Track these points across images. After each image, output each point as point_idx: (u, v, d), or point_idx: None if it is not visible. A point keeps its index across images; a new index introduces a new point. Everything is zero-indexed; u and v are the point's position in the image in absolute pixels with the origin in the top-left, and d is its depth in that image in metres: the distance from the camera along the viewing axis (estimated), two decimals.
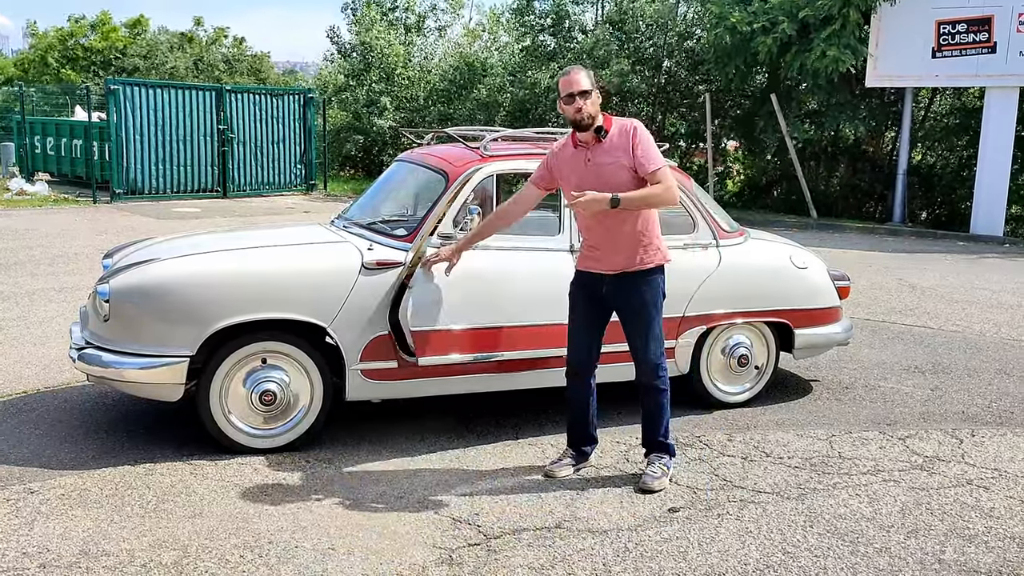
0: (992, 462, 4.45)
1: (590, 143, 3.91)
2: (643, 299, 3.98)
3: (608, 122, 3.91)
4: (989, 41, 14.02)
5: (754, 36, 14.90)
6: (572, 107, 3.84)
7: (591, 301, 4.07)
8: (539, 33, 20.76)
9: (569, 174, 3.99)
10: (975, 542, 3.57)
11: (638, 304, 3.98)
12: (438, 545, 3.43)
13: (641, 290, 3.97)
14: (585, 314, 4.11)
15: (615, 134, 3.89)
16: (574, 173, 3.96)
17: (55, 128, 18.59)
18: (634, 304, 3.99)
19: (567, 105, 3.86)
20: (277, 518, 3.62)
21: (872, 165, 17.18)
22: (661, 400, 4.09)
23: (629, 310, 4.02)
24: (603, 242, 3.96)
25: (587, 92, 3.84)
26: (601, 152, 3.89)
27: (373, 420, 4.80)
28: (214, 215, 14.10)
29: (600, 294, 4.03)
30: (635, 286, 3.96)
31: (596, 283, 4.03)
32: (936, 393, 5.65)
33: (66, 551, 3.30)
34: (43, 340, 6.24)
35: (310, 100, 18.16)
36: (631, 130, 3.88)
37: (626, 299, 4.00)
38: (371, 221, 4.91)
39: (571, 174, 3.98)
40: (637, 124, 3.92)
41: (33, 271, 8.83)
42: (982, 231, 14.33)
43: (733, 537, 3.56)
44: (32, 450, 4.28)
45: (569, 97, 3.84)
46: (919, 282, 9.81)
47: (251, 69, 32.15)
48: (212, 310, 4.13)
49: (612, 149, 3.87)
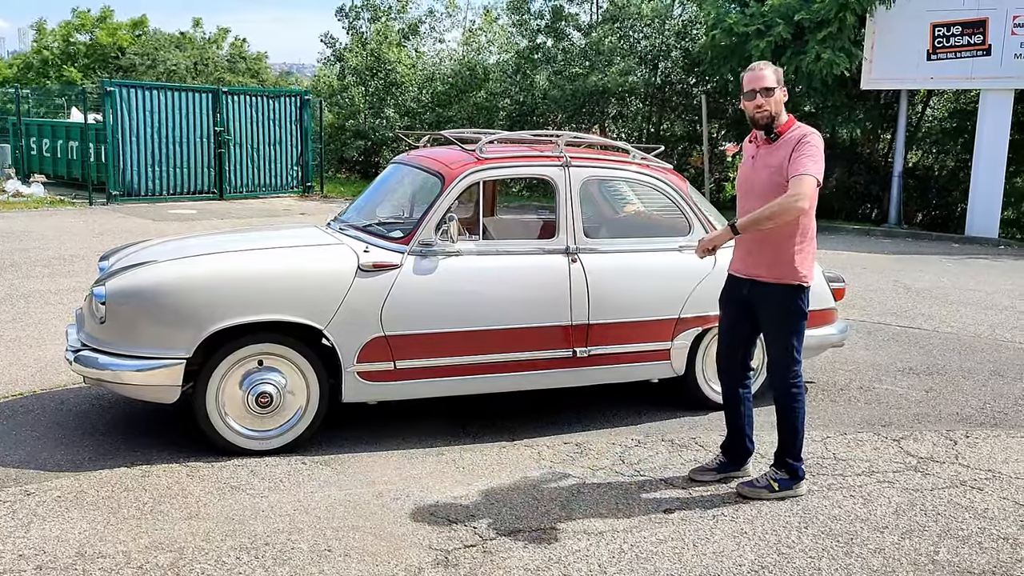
0: (986, 463, 4.47)
1: (761, 142, 3.85)
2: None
3: (787, 125, 3.80)
4: (984, 44, 14.07)
5: (750, 38, 14.93)
6: (752, 103, 3.77)
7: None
8: (536, 33, 20.78)
9: (742, 166, 3.98)
10: (969, 543, 3.58)
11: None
12: (434, 546, 3.44)
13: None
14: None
15: (789, 139, 3.76)
16: (743, 169, 3.95)
17: (51, 130, 18.56)
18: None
19: (748, 101, 3.79)
20: (273, 520, 3.62)
21: (868, 167, 17.23)
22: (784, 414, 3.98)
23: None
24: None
25: (771, 90, 3.75)
26: (768, 154, 3.81)
27: (369, 422, 4.80)
28: (210, 217, 14.09)
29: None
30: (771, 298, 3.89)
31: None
32: (930, 394, 5.67)
33: (62, 553, 3.30)
34: (39, 342, 6.24)
35: (306, 102, 18.16)
36: (805, 139, 3.73)
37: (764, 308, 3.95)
38: (367, 223, 4.92)
39: (742, 168, 3.97)
40: (813, 133, 3.78)
41: (29, 273, 8.82)
42: (977, 233, 14.37)
43: (728, 538, 3.57)
44: (28, 452, 4.28)
45: (751, 93, 3.77)
46: (914, 284, 9.84)
47: (250, 70, 32.11)
48: (208, 312, 4.14)
49: (780, 154, 3.75)
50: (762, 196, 3.76)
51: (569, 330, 4.67)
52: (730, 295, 4.04)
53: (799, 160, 3.68)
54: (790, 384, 3.93)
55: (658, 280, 4.93)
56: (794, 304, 3.84)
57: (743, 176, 3.93)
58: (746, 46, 15.03)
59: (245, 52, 33.01)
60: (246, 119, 17.15)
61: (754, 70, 3.82)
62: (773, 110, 3.77)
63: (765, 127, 3.79)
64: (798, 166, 3.67)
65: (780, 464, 4.00)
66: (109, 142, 15.51)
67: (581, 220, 4.79)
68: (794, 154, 3.70)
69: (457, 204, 4.65)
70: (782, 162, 3.73)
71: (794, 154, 3.70)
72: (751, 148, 3.94)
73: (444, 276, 4.50)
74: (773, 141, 3.80)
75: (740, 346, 4.05)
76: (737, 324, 4.03)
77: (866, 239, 14.37)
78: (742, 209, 3.90)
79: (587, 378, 4.82)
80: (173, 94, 16.36)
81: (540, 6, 20.77)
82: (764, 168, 3.80)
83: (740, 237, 3.88)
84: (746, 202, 3.88)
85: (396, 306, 4.39)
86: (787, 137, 3.78)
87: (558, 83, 19.16)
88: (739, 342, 4.05)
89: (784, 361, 3.90)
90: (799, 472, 3.99)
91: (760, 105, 3.76)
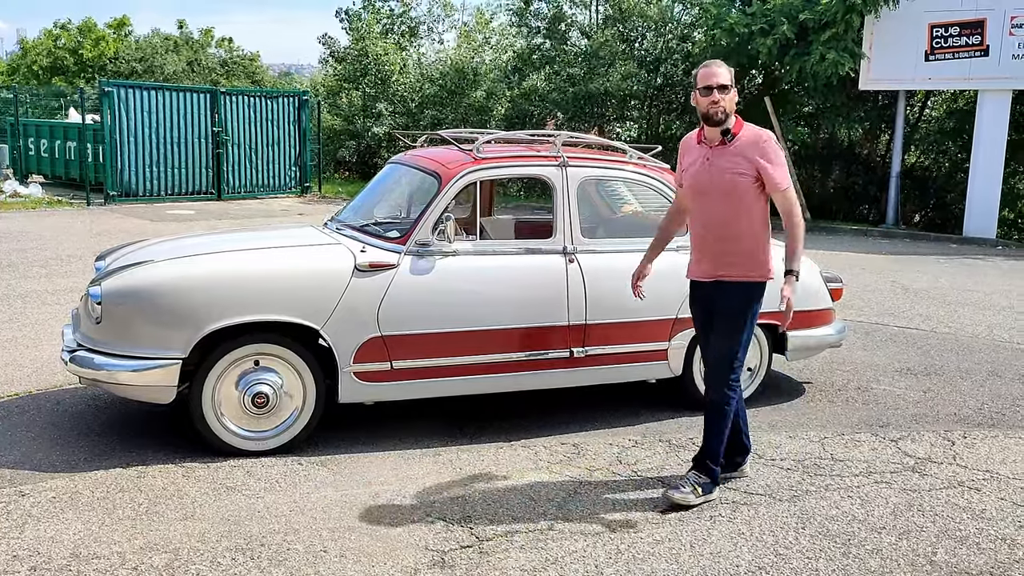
0: (984, 464, 4.46)
1: (715, 142, 3.83)
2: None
3: (739, 126, 3.81)
4: (982, 44, 14.08)
5: (752, 38, 14.92)
6: (708, 99, 3.75)
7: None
8: (536, 35, 20.77)
9: (688, 168, 3.93)
10: (966, 543, 3.58)
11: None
12: (430, 547, 3.43)
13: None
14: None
15: (744, 140, 3.77)
16: (692, 170, 3.90)
17: (49, 130, 18.54)
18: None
19: (703, 97, 3.77)
20: (269, 520, 3.61)
21: (866, 168, 17.24)
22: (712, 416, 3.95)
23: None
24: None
25: (726, 87, 3.75)
26: (723, 155, 3.79)
27: (365, 422, 4.79)
28: (208, 217, 14.07)
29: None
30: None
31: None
32: (928, 395, 5.66)
33: (57, 554, 3.29)
34: (35, 342, 6.22)
35: (304, 103, 18.15)
36: (763, 142, 3.76)
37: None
38: (364, 223, 4.91)
39: (689, 169, 3.92)
40: (771, 136, 3.82)
41: (26, 273, 8.80)
42: (975, 233, 14.38)
43: (725, 539, 3.56)
44: (23, 452, 4.27)
45: (707, 89, 3.76)
46: (912, 284, 9.84)
47: (245, 71, 32.09)
48: (205, 312, 4.13)
49: (735, 155, 3.75)
50: (726, 195, 3.77)
51: (566, 330, 4.66)
52: (699, 303, 4.05)
53: (781, 172, 3.75)
54: (728, 387, 3.89)
55: (655, 280, 4.89)
56: (752, 302, 3.87)
57: (698, 178, 3.87)
58: (748, 45, 15.02)
59: (236, 53, 32.93)
60: (244, 120, 17.13)
61: (710, 67, 3.83)
62: (727, 107, 3.77)
63: (719, 124, 3.79)
64: (777, 180, 3.74)
65: (704, 469, 3.92)
66: (107, 142, 15.48)
67: (578, 220, 4.78)
68: (763, 161, 3.73)
69: (454, 204, 4.64)
70: (745, 163, 3.74)
71: (763, 161, 3.73)
72: (701, 149, 3.88)
73: (441, 276, 4.48)
74: (729, 142, 3.80)
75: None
76: (710, 327, 4.01)
77: (864, 239, 14.37)
78: (702, 210, 3.88)
79: (584, 378, 4.81)
80: (171, 95, 16.34)
81: (539, 6, 20.74)
82: (724, 170, 3.79)
83: (705, 243, 3.89)
84: (707, 203, 3.86)
85: (393, 306, 4.38)
86: (744, 137, 3.79)
87: (558, 84, 19.15)
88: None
89: (728, 361, 3.87)
90: (717, 478, 3.96)
91: (716, 101, 3.75)
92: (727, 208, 3.78)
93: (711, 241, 3.87)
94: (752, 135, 3.80)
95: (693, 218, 3.98)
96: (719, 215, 3.81)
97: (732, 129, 3.79)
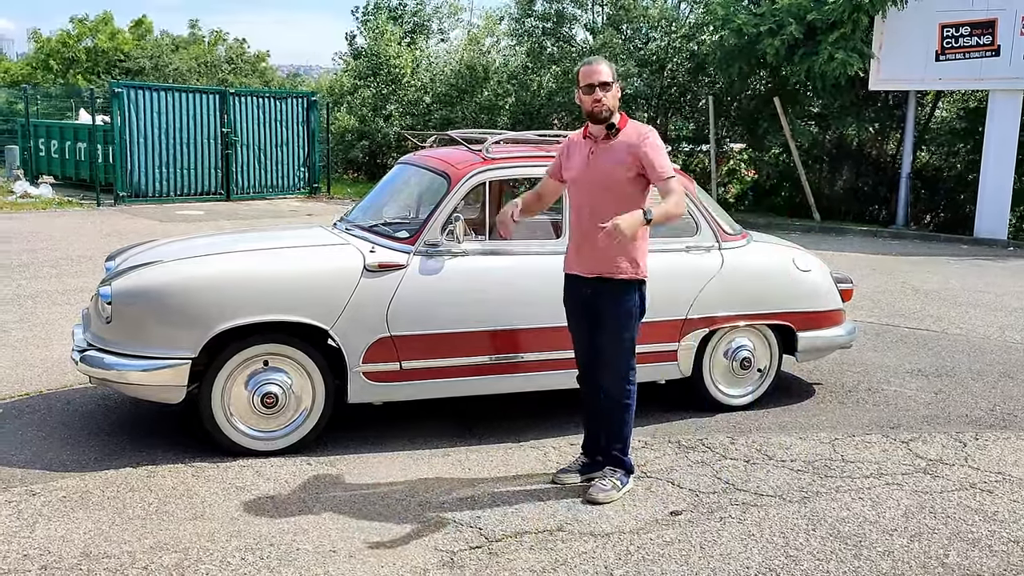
0: (996, 466, 4.43)
1: (599, 137, 3.86)
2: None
3: (623, 122, 3.85)
4: (993, 44, 13.99)
5: (760, 38, 14.88)
6: (591, 97, 3.78)
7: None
8: (540, 36, 20.76)
9: (572, 162, 3.96)
10: (979, 546, 3.55)
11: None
12: (440, 548, 3.42)
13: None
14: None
15: (627, 135, 3.81)
16: (575, 164, 3.94)
17: (59, 131, 18.64)
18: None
19: (586, 95, 3.80)
20: (278, 520, 3.61)
21: (876, 168, 17.15)
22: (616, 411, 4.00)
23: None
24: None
25: (608, 84, 3.78)
26: (607, 149, 3.83)
27: (375, 422, 4.79)
28: (217, 218, 14.12)
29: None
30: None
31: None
32: (939, 396, 5.63)
33: (67, 553, 3.30)
34: (46, 342, 6.25)
35: (313, 103, 18.18)
36: (644, 136, 3.79)
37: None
38: (373, 223, 4.91)
39: (572, 164, 3.95)
40: (652, 131, 3.85)
41: (36, 273, 8.84)
42: (986, 234, 14.29)
43: (735, 540, 3.55)
44: (34, 452, 4.28)
45: (589, 87, 3.78)
46: (922, 285, 9.79)
47: (254, 70, 32.17)
48: (214, 312, 4.14)
49: (618, 149, 3.80)
50: (610, 189, 3.79)
51: None
52: (573, 297, 4.03)
53: (662, 163, 3.76)
54: (626, 384, 3.93)
55: (665, 281, 4.90)
56: (635, 300, 3.89)
57: (582, 172, 3.89)
58: (757, 46, 14.99)
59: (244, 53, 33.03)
60: (253, 120, 17.18)
61: (591, 64, 3.84)
62: (611, 104, 3.79)
63: (603, 120, 3.81)
64: (664, 170, 3.75)
65: (617, 463, 3.99)
66: (117, 143, 15.55)
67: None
68: (648, 156, 3.74)
69: (463, 204, 4.63)
70: (628, 157, 3.77)
71: (648, 156, 3.74)
72: (587, 144, 3.91)
73: (450, 276, 4.48)
74: (613, 136, 3.83)
75: (595, 347, 4.04)
76: (586, 324, 4.01)
77: (874, 240, 14.32)
78: (584, 204, 3.88)
79: None
80: (180, 95, 16.40)
81: (543, 8, 20.71)
82: (608, 163, 3.82)
83: (584, 237, 3.87)
84: (589, 197, 3.87)
85: (402, 306, 4.38)
86: (628, 132, 3.82)
87: (563, 84, 19.14)
88: (591, 342, 4.03)
89: (624, 359, 3.91)
90: (631, 468, 4.04)
91: (599, 99, 3.77)
92: (607, 203, 3.78)
93: (590, 236, 3.85)
94: (635, 129, 3.84)
95: (574, 212, 3.99)
96: (601, 209, 3.80)
97: (617, 124, 3.83)
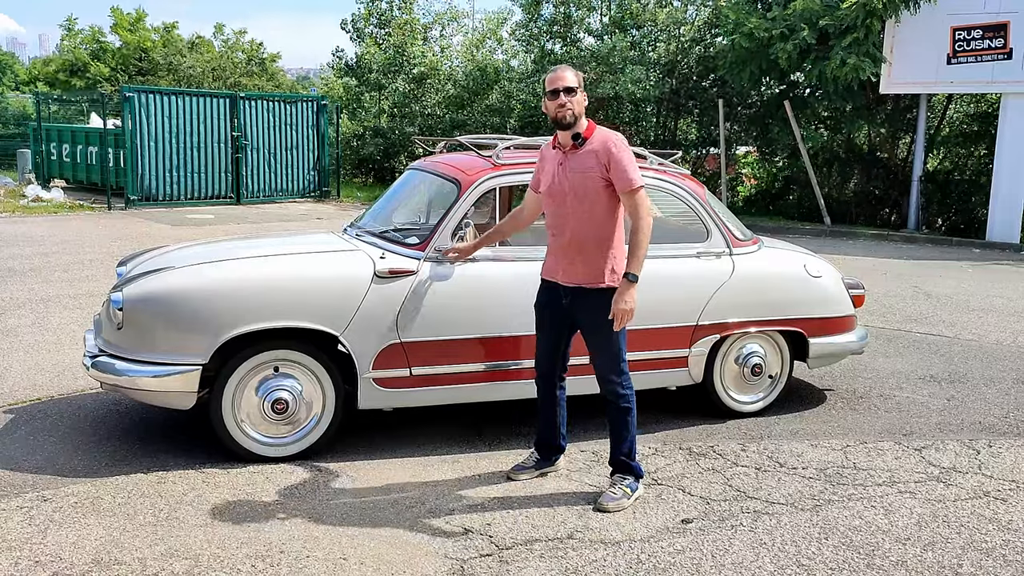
0: (1010, 473, 4.40)
1: (568, 147, 3.89)
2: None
3: (591, 130, 3.87)
4: (1005, 47, 13.92)
5: (772, 43, 14.87)
6: (555, 103, 3.81)
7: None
8: (547, 42, 20.75)
9: (545, 173, 4.00)
10: (993, 555, 3.52)
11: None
12: (450, 555, 3.41)
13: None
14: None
15: (594, 143, 3.83)
16: (547, 173, 3.98)
17: (71, 135, 18.74)
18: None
19: (551, 101, 3.83)
20: (288, 527, 3.61)
21: (887, 171, 17.08)
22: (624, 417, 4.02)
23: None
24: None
25: (572, 89, 3.81)
26: (576, 158, 3.86)
27: (385, 429, 4.79)
28: (228, 222, 14.16)
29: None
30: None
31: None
32: (952, 403, 5.59)
33: (78, 560, 3.30)
34: (58, 347, 6.27)
35: (323, 107, 18.23)
36: (611, 144, 3.81)
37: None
38: (383, 229, 4.91)
39: (545, 174, 4.00)
40: (619, 138, 3.88)
41: (48, 277, 8.88)
42: (998, 238, 14.21)
43: (747, 549, 3.53)
44: (46, 457, 4.30)
45: (554, 93, 3.82)
46: (935, 290, 9.73)
47: (266, 72, 32.30)
48: (225, 318, 4.14)
49: (587, 158, 3.82)
50: (582, 199, 3.82)
51: None
52: (549, 302, 4.05)
53: (629, 172, 3.77)
54: (622, 389, 3.95)
55: (676, 287, 4.90)
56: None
57: (554, 182, 3.91)
58: (769, 50, 14.97)
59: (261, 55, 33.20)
60: (263, 124, 17.25)
61: (556, 71, 3.87)
62: (576, 110, 3.80)
63: (568, 127, 3.82)
64: (630, 180, 3.77)
65: (626, 469, 4.01)
66: (128, 147, 15.63)
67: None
68: (614, 164, 3.77)
69: (473, 210, 4.63)
70: (596, 165, 3.79)
71: (614, 164, 3.77)
72: (556, 154, 3.93)
73: (460, 282, 4.48)
74: (580, 146, 3.84)
75: (560, 353, 4.10)
76: (557, 330, 4.05)
77: (885, 244, 14.25)
78: (558, 213, 3.91)
79: None
80: (191, 99, 16.47)
81: (551, 13, 20.70)
82: (577, 172, 3.83)
83: (560, 245, 3.91)
84: (562, 207, 3.89)
85: (412, 312, 4.38)
86: (595, 140, 3.84)
87: None
88: (559, 349, 4.09)
89: (614, 366, 3.93)
90: (640, 472, 4.05)
91: (563, 104, 3.79)
92: (580, 211, 3.82)
93: (566, 245, 3.89)
94: (602, 137, 3.85)
95: (549, 222, 4.01)
96: (574, 219, 3.84)
97: (583, 133, 3.85)
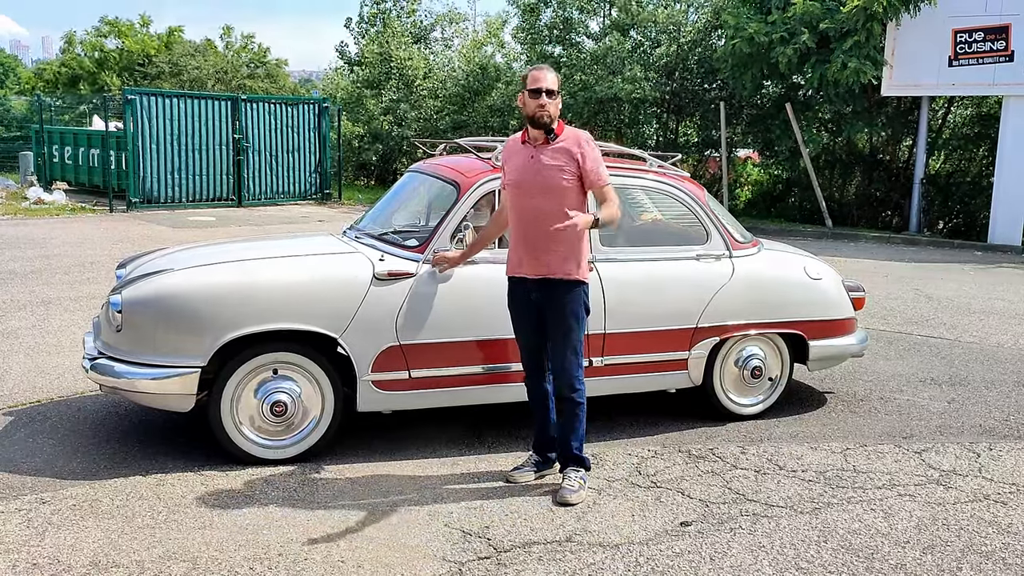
0: (1010, 477, 4.39)
1: (539, 142, 3.97)
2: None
3: (560, 128, 3.97)
4: (1007, 50, 13.92)
5: (773, 46, 14.88)
6: (536, 102, 3.90)
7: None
8: (546, 44, 20.76)
9: (512, 167, 4.05)
10: (992, 559, 3.51)
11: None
12: (448, 558, 3.41)
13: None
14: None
15: (565, 140, 3.94)
16: (516, 167, 4.03)
17: (73, 137, 18.78)
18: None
19: (532, 99, 3.90)
20: (287, 530, 3.61)
21: (888, 174, 17.08)
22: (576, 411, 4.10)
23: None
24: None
25: (553, 92, 3.92)
26: (547, 153, 3.94)
27: (384, 431, 4.79)
28: (229, 224, 14.17)
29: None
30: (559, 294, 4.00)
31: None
32: (953, 406, 5.58)
33: (77, 562, 3.30)
34: (58, 349, 6.27)
35: (325, 110, 18.24)
36: (582, 141, 3.94)
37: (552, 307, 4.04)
38: (383, 232, 4.91)
39: (513, 168, 4.04)
40: (589, 137, 4.00)
41: (49, 280, 8.89)
42: (1000, 241, 14.20)
43: (746, 552, 3.52)
44: (44, 459, 4.30)
45: (536, 92, 3.90)
46: (936, 292, 9.72)
47: (270, 76, 32.37)
48: (224, 321, 4.14)
49: (558, 153, 3.92)
50: (549, 191, 3.90)
51: (585, 339, 4.62)
52: (519, 299, 4.11)
53: (598, 169, 3.93)
54: (578, 383, 4.03)
55: (675, 289, 4.89)
56: (580, 301, 3.99)
57: (522, 176, 3.98)
58: (770, 53, 14.98)
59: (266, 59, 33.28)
60: (265, 127, 17.26)
61: (540, 70, 3.96)
62: (553, 112, 3.90)
63: (544, 126, 3.91)
64: (600, 176, 3.93)
65: (578, 462, 4.10)
66: (129, 150, 15.65)
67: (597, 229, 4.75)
68: (586, 161, 3.89)
69: (473, 213, 4.63)
70: (567, 160, 3.90)
71: (586, 161, 3.89)
72: (526, 149, 4.00)
73: (459, 285, 4.48)
74: (552, 142, 3.92)
75: (540, 349, 4.12)
76: (532, 327, 4.10)
77: (886, 247, 14.24)
78: (525, 207, 3.97)
79: (604, 388, 4.78)
80: (193, 102, 16.49)
81: (550, 17, 20.70)
82: (546, 167, 3.91)
83: (526, 239, 3.98)
84: (529, 200, 3.96)
85: (411, 315, 4.37)
86: (566, 137, 3.94)
87: (569, 89, 19.15)
88: (538, 345, 4.12)
89: (573, 360, 4.01)
90: (588, 464, 4.15)
91: (543, 105, 3.88)
92: (548, 205, 3.89)
93: (532, 238, 3.96)
94: (572, 134, 3.97)
95: (515, 216, 4.06)
96: (541, 212, 3.90)
97: (556, 130, 3.94)
